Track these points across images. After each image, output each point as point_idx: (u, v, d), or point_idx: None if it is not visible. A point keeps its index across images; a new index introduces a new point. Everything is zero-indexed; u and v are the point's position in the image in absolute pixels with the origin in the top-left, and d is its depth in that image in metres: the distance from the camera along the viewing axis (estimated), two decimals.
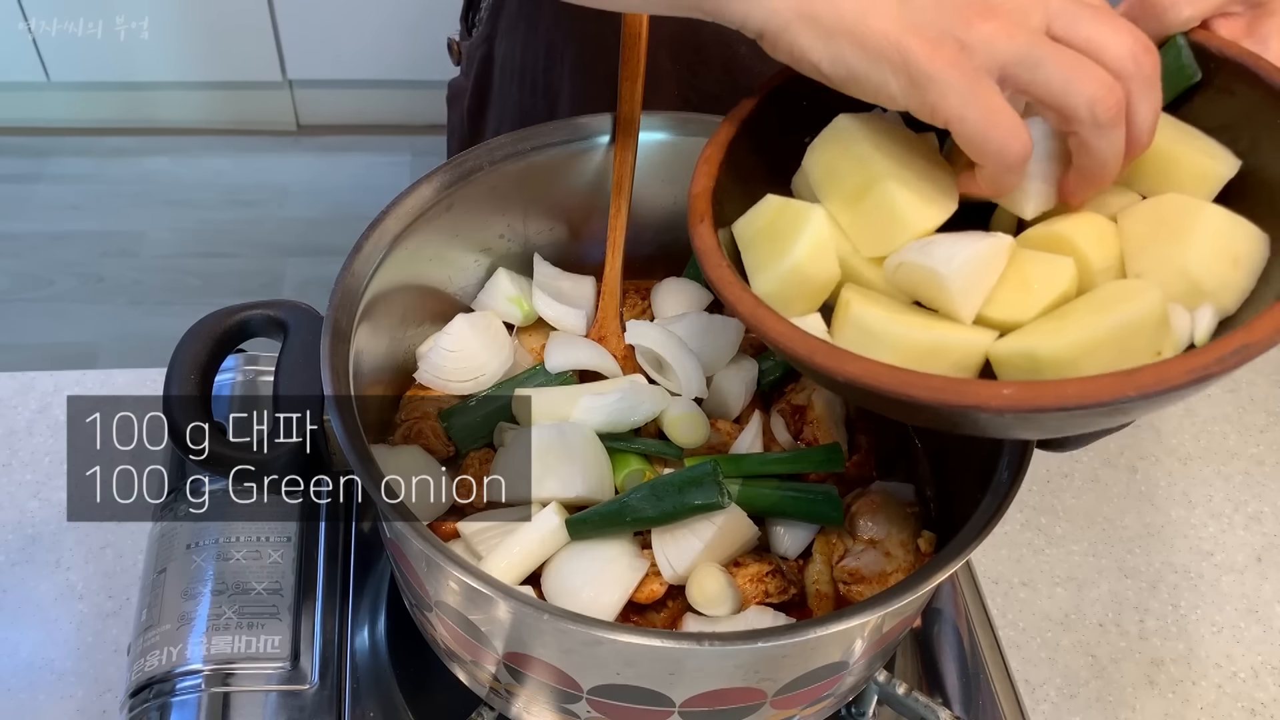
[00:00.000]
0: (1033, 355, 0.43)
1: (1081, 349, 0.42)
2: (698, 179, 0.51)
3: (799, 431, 0.67)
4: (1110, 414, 0.42)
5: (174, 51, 2.34)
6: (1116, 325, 0.42)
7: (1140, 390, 0.38)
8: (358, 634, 0.69)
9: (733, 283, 0.47)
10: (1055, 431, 0.46)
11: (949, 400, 0.40)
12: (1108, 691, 0.76)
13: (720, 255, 0.48)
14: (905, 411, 0.46)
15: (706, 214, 0.50)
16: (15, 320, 2.12)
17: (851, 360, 0.42)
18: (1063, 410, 0.39)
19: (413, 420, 0.65)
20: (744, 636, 0.49)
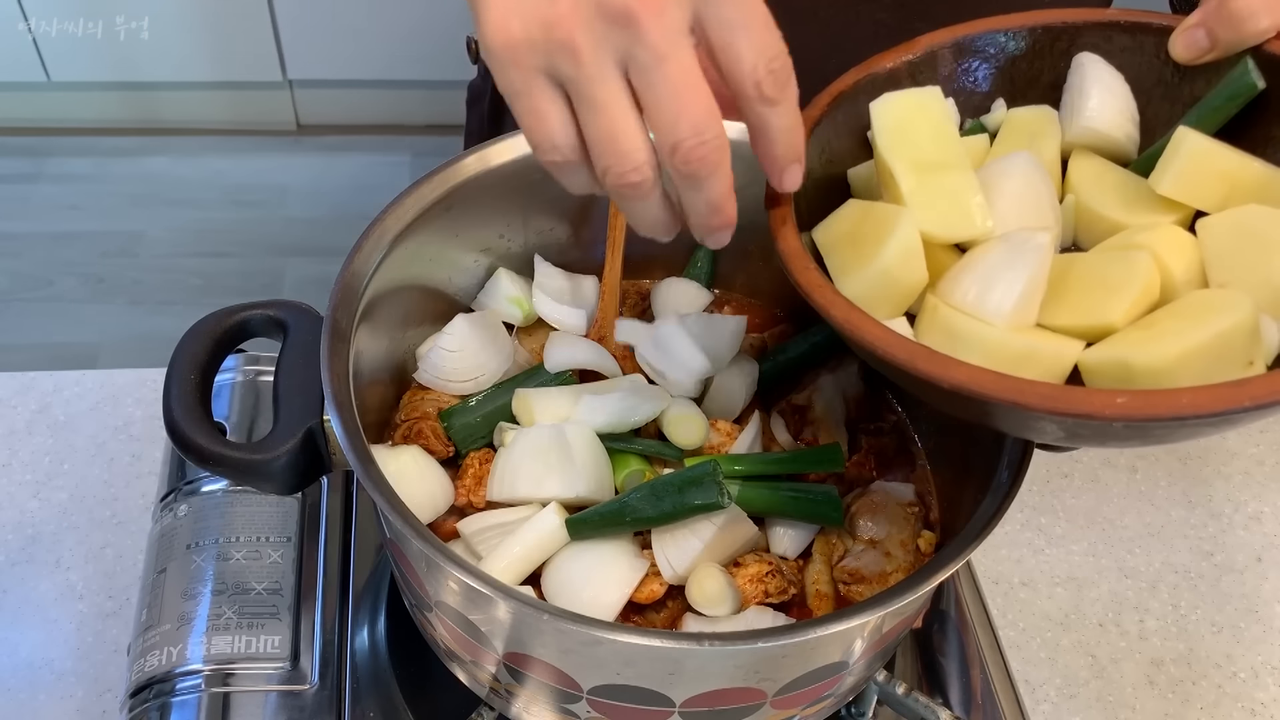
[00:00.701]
0: (1126, 364, 0.43)
1: (1176, 359, 0.42)
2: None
3: (799, 431, 0.67)
4: (1219, 424, 0.41)
5: (174, 51, 2.34)
6: (1211, 335, 0.42)
7: (1255, 400, 0.38)
8: (358, 634, 0.69)
9: (823, 286, 0.46)
10: (1158, 441, 0.45)
11: (1061, 408, 0.39)
12: (1108, 691, 0.77)
13: (808, 258, 0.47)
14: (1000, 418, 0.45)
15: (789, 217, 0.49)
16: (15, 320, 2.12)
17: (956, 367, 0.41)
18: (1176, 420, 0.38)
19: (413, 420, 0.65)
20: (744, 636, 0.49)
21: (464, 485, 0.63)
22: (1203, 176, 0.49)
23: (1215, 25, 0.50)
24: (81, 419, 0.86)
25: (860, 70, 0.54)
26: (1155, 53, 0.53)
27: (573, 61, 0.40)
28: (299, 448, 0.54)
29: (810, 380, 0.69)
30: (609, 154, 0.41)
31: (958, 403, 0.43)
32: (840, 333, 0.45)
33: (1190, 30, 0.51)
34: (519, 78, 0.41)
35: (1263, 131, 0.51)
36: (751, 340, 0.72)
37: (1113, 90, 0.54)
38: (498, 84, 0.42)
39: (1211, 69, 0.52)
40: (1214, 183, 0.49)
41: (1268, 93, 0.50)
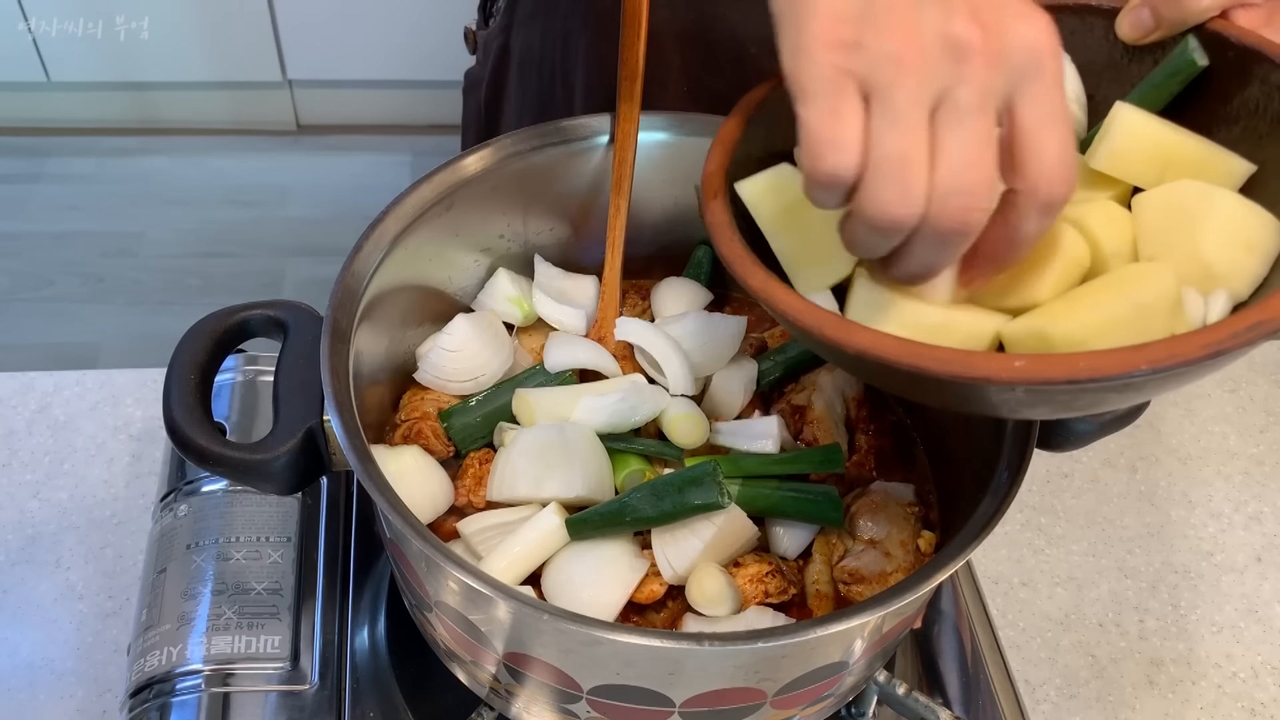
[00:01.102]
0: (1045, 335, 0.43)
1: (1095, 329, 0.42)
2: (712, 158, 0.51)
3: (799, 431, 0.67)
4: (1121, 389, 0.41)
5: (174, 51, 2.34)
6: (1130, 306, 0.42)
7: (1152, 364, 0.37)
8: (358, 634, 0.69)
9: (743, 256, 0.47)
10: (1065, 410, 0.45)
11: (958, 372, 0.39)
12: (1108, 691, 0.76)
13: (732, 230, 0.48)
14: (913, 387, 0.46)
15: (720, 191, 0.50)
16: (15, 320, 2.12)
17: (860, 332, 0.42)
18: (1073, 383, 0.38)
19: (413, 420, 0.65)
20: (744, 636, 0.49)
21: (464, 485, 0.63)
22: (1137, 152, 0.49)
23: (1160, 4, 0.51)
24: (81, 419, 0.86)
25: None
26: (1104, 34, 0.54)
27: (893, 75, 0.38)
28: (299, 448, 0.54)
29: (810, 380, 0.69)
30: (888, 175, 0.39)
31: (866, 370, 0.44)
32: (757, 300, 0.46)
33: (1136, 10, 0.52)
34: (828, 74, 0.38)
35: (1207, 109, 0.51)
36: (751, 340, 0.71)
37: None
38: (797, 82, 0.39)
39: (1159, 49, 0.52)
40: (1148, 158, 0.49)
41: (1211, 71, 0.51)
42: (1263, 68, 0.49)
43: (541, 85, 0.90)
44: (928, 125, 0.38)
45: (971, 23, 0.38)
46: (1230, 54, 0.50)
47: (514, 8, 0.89)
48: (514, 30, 0.90)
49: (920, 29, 0.38)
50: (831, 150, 0.39)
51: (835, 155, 0.39)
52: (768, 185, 0.50)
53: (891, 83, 0.38)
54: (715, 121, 0.69)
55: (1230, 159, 0.49)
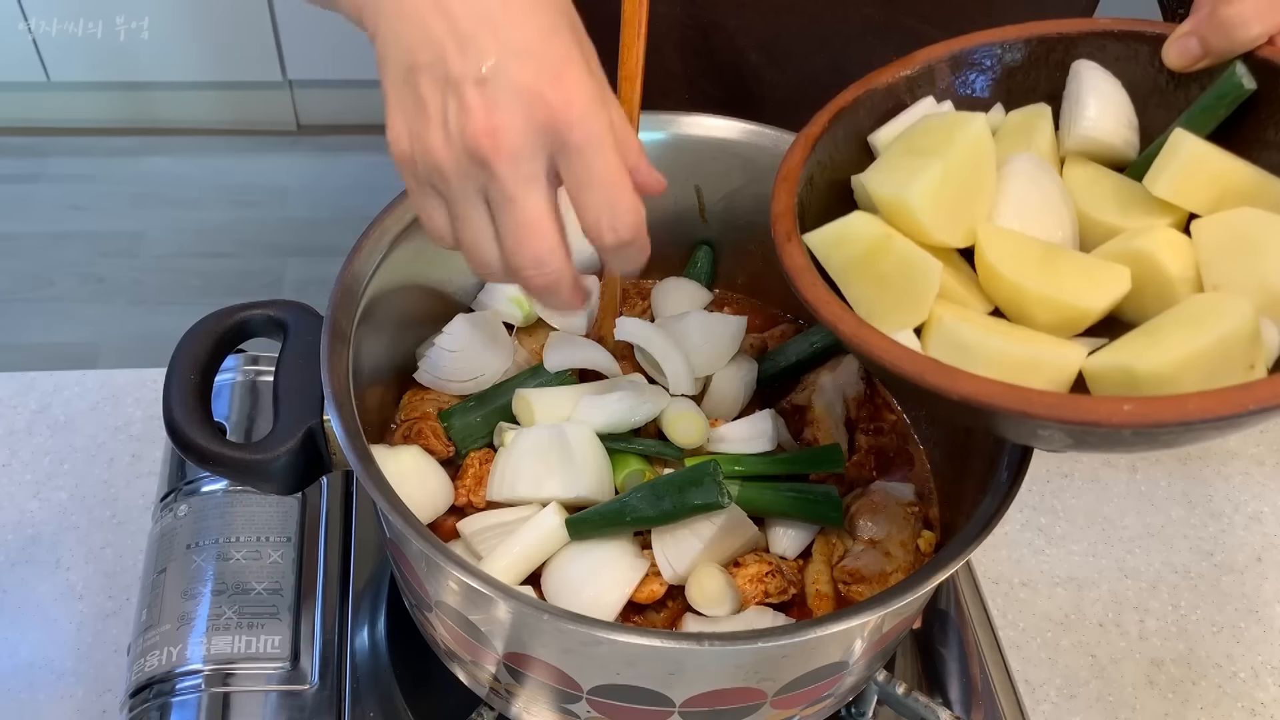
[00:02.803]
0: (1129, 370, 0.43)
1: (1179, 364, 0.42)
2: (779, 197, 0.51)
3: (799, 431, 0.67)
4: (1225, 428, 0.42)
5: (174, 51, 2.34)
6: (1213, 340, 0.42)
7: (1260, 404, 0.38)
8: (358, 634, 0.69)
9: (832, 302, 0.47)
10: (1164, 446, 0.46)
11: (1068, 417, 0.40)
12: (1108, 691, 0.77)
13: (814, 274, 0.48)
14: (1010, 427, 0.46)
15: (794, 232, 0.50)
16: (15, 320, 2.12)
17: (965, 379, 0.42)
18: (1183, 425, 0.39)
19: (412, 420, 0.65)
20: (744, 636, 0.49)
21: (464, 485, 0.63)
22: (1197, 179, 0.49)
23: (1207, 33, 0.51)
24: (81, 419, 0.86)
25: (859, 86, 0.55)
26: (1150, 60, 0.54)
27: (444, 184, 0.46)
28: (299, 448, 0.54)
29: (810, 380, 0.69)
30: (473, 258, 0.48)
31: (966, 413, 0.44)
32: (848, 347, 0.46)
33: (1183, 38, 0.52)
34: (411, 182, 0.48)
35: (1255, 135, 0.51)
36: (751, 340, 0.72)
37: (1110, 98, 0.54)
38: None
39: (1205, 75, 0.52)
40: (1207, 186, 0.49)
41: (1259, 97, 0.51)
42: None
43: None
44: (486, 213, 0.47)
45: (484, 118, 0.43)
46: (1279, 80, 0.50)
47: None
48: None
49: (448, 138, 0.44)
50: (437, 241, 0.49)
51: (440, 244, 0.49)
52: (840, 234, 0.50)
53: (446, 192, 0.46)
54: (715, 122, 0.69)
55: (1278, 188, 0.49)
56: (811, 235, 0.51)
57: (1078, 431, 0.42)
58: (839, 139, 0.54)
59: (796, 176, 0.52)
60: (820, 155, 0.54)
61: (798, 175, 0.52)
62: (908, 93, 0.56)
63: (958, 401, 0.42)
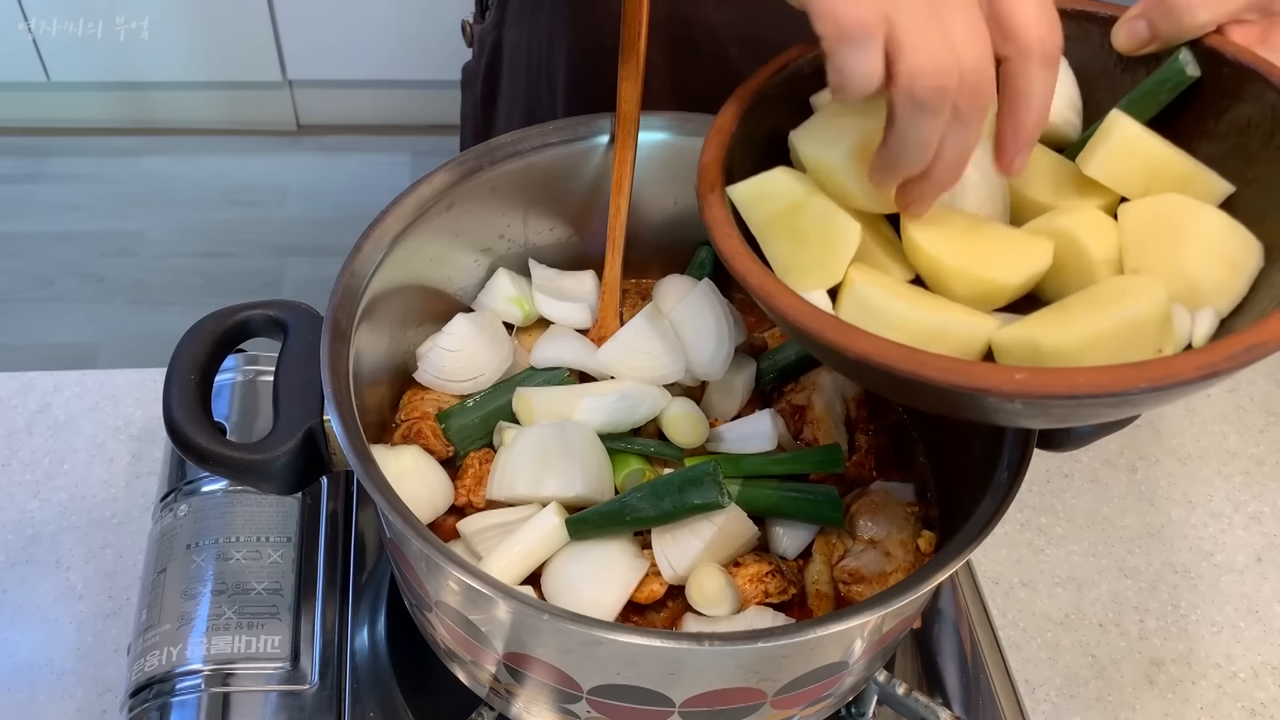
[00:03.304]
0: (1036, 345, 0.43)
1: (1086, 342, 0.42)
2: (708, 148, 0.51)
3: (799, 431, 0.67)
4: (1117, 405, 0.42)
5: (174, 51, 2.34)
6: (1121, 321, 0.43)
7: (1150, 383, 0.38)
8: (358, 634, 0.69)
9: (743, 254, 0.47)
10: (1059, 421, 0.46)
11: (959, 382, 0.40)
12: (1108, 691, 0.77)
13: (731, 226, 0.48)
14: (910, 393, 0.46)
15: (717, 183, 0.50)
16: (15, 320, 2.12)
17: (862, 337, 0.42)
18: (1072, 399, 0.39)
19: (412, 420, 0.65)
20: (744, 636, 0.49)
21: (464, 485, 0.63)
22: (1129, 162, 0.49)
23: (1156, 17, 0.51)
24: (81, 419, 0.86)
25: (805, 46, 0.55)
26: (1100, 42, 0.54)
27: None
28: (299, 448, 0.54)
29: (810, 380, 0.69)
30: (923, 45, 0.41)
31: (865, 374, 0.45)
32: (756, 300, 0.46)
33: (1132, 21, 0.52)
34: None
35: (1197, 124, 0.51)
36: (751, 340, 0.72)
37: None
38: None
39: (1153, 61, 0.52)
40: (1139, 169, 0.49)
41: (1203, 85, 0.51)
42: (1256, 86, 0.49)
43: (529, 83, 0.90)
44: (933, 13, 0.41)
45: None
46: (1225, 70, 0.50)
47: (505, 4, 0.90)
48: (506, 27, 0.91)
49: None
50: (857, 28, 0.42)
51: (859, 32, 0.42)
52: (761, 189, 0.50)
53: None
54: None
55: (1212, 178, 0.49)
56: (735, 188, 0.50)
57: (967, 398, 0.42)
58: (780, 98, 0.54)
59: (729, 130, 0.52)
60: (759, 112, 0.53)
61: (730, 129, 0.52)
62: None
63: (855, 360, 0.42)
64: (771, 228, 0.50)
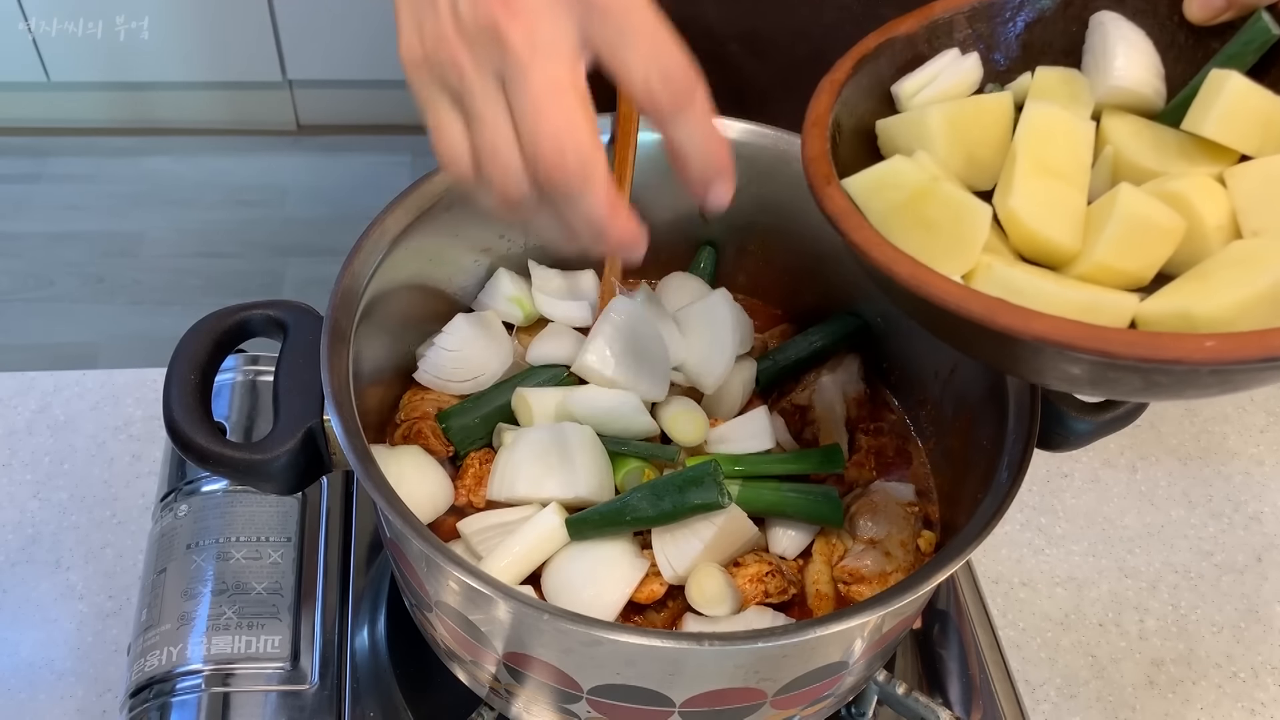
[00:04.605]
0: (1188, 314, 0.42)
1: (1238, 307, 0.41)
2: (811, 142, 0.49)
3: (799, 431, 0.67)
4: None
5: (174, 51, 2.34)
6: (1270, 283, 0.42)
7: None
8: (358, 634, 0.69)
9: (883, 243, 0.44)
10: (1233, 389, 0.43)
11: (1148, 354, 0.38)
12: (1108, 691, 0.76)
13: (860, 217, 0.46)
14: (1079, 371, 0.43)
15: (831, 176, 0.48)
16: (15, 320, 2.12)
17: (1038, 318, 0.40)
18: (1267, 360, 0.37)
19: (412, 420, 0.65)
20: (744, 636, 0.49)
21: (464, 485, 0.63)
22: (1243, 117, 0.48)
23: None
24: (81, 419, 0.86)
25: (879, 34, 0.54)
26: (1169, 15, 0.54)
27: (457, 76, 0.41)
28: (299, 448, 0.54)
29: (810, 380, 0.69)
30: (490, 167, 0.42)
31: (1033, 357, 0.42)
32: (903, 289, 0.43)
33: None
34: (424, 94, 0.43)
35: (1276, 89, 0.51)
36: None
37: (1137, 46, 0.53)
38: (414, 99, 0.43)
39: (1225, 31, 0.52)
40: (1253, 123, 0.48)
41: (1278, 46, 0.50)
42: None
43: None
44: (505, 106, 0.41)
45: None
46: None
47: None
48: None
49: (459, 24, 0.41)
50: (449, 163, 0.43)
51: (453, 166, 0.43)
52: (883, 178, 0.48)
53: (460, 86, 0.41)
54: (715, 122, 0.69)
55: None
56: (851, 180, 0.49)
57: (1152, 372, 0.40)
58: (862, 86, 0.54)
59: (826, 121, 0.50)
60: (845, 101, 0.52)
61: (827, 120, 0.50)
62: (926, 43, 0.55)
63: (1029, 342, 0.39)
64: (895, 217, 0.48)
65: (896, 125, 0.53)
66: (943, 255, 0.47)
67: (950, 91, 0.53)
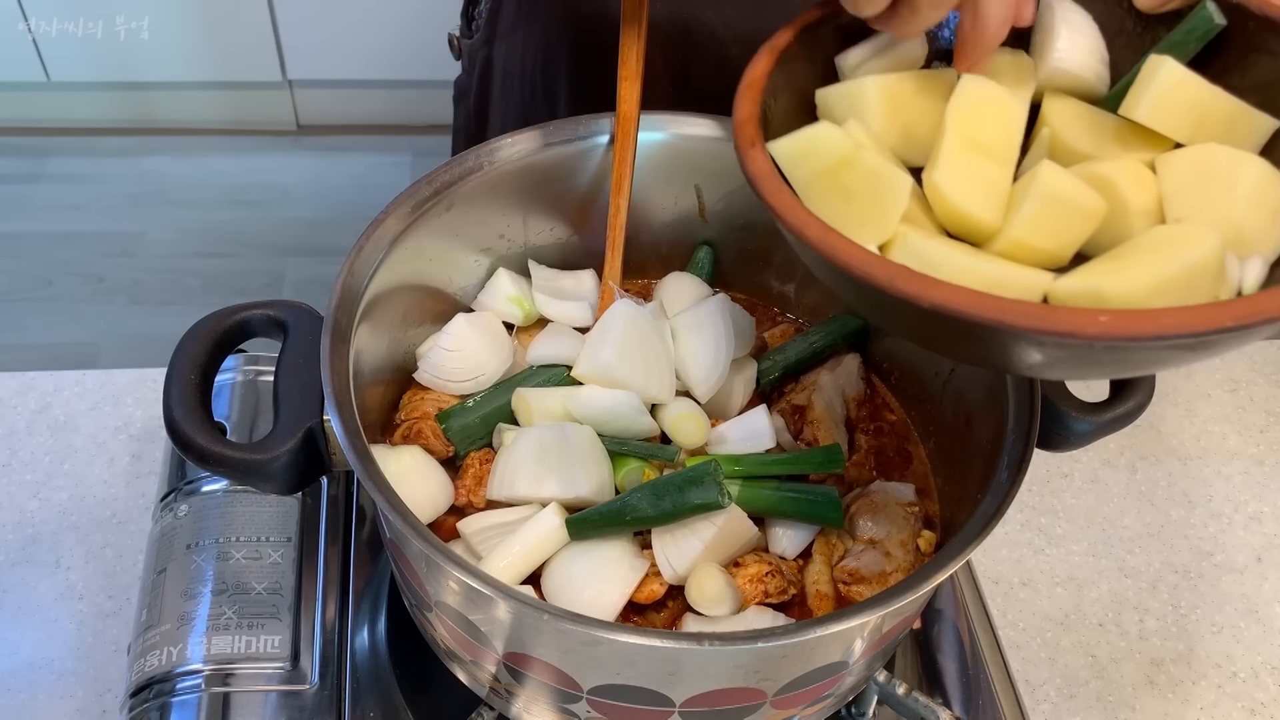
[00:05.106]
0: (1099, 293, 0.42)
1: (1149, 289, 0.42)
2: (742, 104, 0.50)
3: (799, 432, 0.67)
4: (1198, 347, 0.41)
5: (174, 51, 2.34)
6: (1181, 267, 0.42)
7: (1237, 320, 0.38)
8: (358, 634, 0.69)
9: (796, 206, 0.45)
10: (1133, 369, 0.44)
11: (1044, 326, 0.38)
12: (1108, 691, 0.77)
13: (779, 180, 0.47)
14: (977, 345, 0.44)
15: (757, 138, 0.48)
16: (15, 320, 2.12)
17: (937, 286, 0.40)
18: (1159, 339, 0.38)
19: (412, 420, 0.65)
20: (744, 636, 0.49)
21: (464, 485, 0.63)
22: (1176, 104, 0.49)
23: None
24: (81, 419, 0.86)
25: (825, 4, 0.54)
26: (1118, 1, 0.54)
27: None
28: (299, 448, 0.54)
29: (810, 380, 0.69)
30: None
31: (934, 326, 0.43)
32: (812, 253, 0.44)
33: None
34: None
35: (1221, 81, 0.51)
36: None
37: (1081, 30, 0.54)
38: None
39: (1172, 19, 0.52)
40: (1186, 111, 0.49)
41: (1228, 40, 0.51)
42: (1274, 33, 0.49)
43: (524, 97, 0.90)
44: None
45: None
46: (1250, 24, 0.50)
47: (496, 19, 0.90)
48: (496, 42, 0.90)
49: None
50: None
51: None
52: (807, 144, 0.49)
53: None
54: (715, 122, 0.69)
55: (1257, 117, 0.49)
56: (776, 144, 0.49)
57: (1049, 346, 0.40)
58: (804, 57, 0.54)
59: (761, 86, 0.51)
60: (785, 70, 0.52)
61: (762, 84, 0.51)
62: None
63: (928, 310, 0.40)
64: (817, 183, 0.48)
65: (834, 94, 0.53)
66: (861, 223, 0.47)
67: (892, 65, 0.54)
